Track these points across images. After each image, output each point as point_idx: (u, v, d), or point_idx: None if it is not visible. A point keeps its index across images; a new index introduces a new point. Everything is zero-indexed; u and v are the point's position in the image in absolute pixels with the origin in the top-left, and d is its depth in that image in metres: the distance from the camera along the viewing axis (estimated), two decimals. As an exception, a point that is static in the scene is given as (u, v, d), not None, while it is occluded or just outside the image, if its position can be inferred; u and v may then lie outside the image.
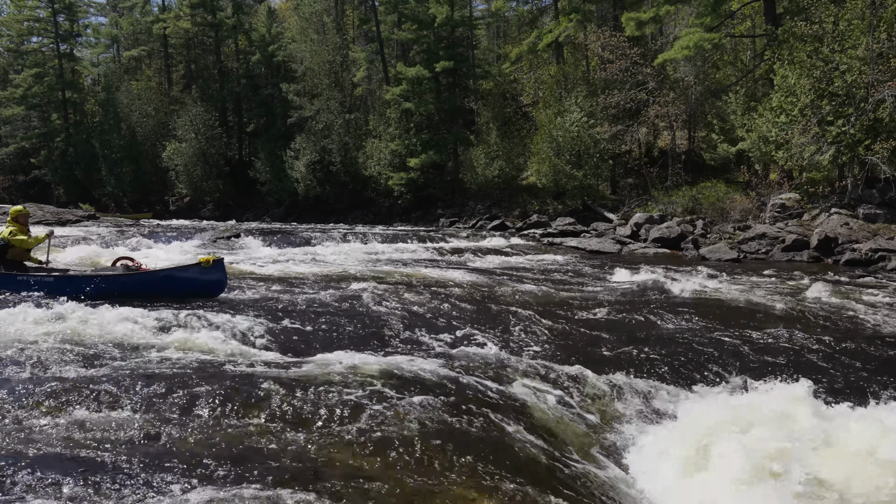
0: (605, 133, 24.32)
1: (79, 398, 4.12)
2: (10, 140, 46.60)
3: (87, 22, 50.94)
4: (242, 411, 4.06)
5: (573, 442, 4.31)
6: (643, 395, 5.28)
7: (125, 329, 6.09)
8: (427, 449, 3.70)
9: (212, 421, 3.91)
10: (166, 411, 4.00)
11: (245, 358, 5.40)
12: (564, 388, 5.22)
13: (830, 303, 9.26)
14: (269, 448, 3.59)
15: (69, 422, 3.79)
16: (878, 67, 16.37)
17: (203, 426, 3.82)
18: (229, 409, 4.07)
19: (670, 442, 4.27)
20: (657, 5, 23.91)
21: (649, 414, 5.02)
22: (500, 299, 9.16)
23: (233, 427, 3.84)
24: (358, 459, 3.52)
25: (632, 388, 5.40)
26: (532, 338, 6.98)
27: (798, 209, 18.50)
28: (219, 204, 38.52)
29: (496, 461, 3.68)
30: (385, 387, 4.56)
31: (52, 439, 3.55)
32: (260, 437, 3.72)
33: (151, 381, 4.41)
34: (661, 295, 9.93)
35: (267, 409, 4.07)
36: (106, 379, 4.43)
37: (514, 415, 4.48)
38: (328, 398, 4.25)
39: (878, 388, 5.66)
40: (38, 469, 3.19)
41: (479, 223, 26.68)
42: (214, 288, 8.29)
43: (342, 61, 34.80)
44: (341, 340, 6.51)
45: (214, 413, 4.01)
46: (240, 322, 6.61)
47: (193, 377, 4.52)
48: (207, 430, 3.77)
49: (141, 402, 4.10)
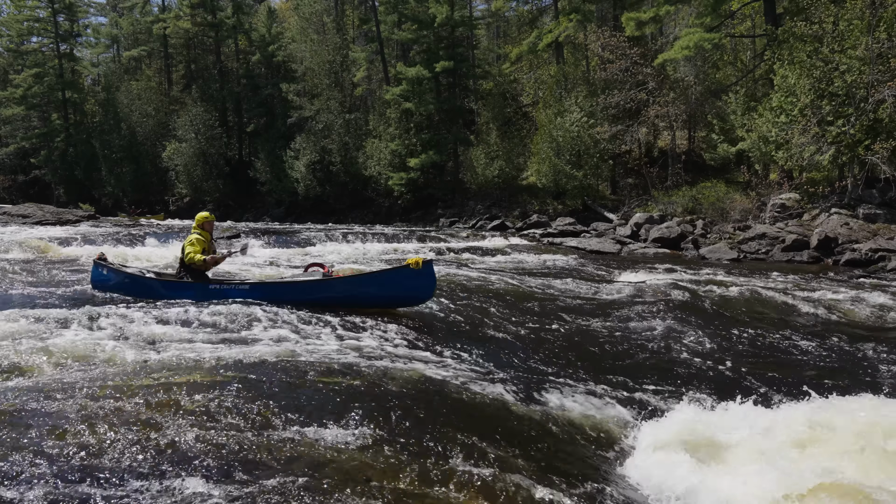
0: (605, 133, 24.32)
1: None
2: (10, 140, 46.61)
3: (87, 22, 50.94)
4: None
5: (572, 442, 4.31)
6: (642, 396, 5.27)
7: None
8: (422, 448, 3.70)
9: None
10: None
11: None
12: (564, 389, 5.21)
13: (831, 303, 9.26)
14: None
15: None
16: (878, 67, 16.37)
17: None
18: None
19: (668, 443, 4.27)
20: (657, 5, 23.91)
21: (648, 414, 5.01)
22: (499, 299, 9.15)
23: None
24: (352, 457, 3.52)
25: (631, 389, 5.40)
26: (532, 338, 6.97)
27: (798, 209, 18.50)
28: (219, 204, 38.54)
29: (492, 462, 3.68)
30: (375, 387, 4.55)
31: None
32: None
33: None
34: (661, 295, 9.92)
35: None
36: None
37: (514, 414, 4.48)
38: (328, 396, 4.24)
39: (877, 389, 5.65)
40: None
41: (479, 223, 26.69)
42: (423, 293, 7.38)
43: (342, 61, 34.82)
44: (341, 336, 6.51)
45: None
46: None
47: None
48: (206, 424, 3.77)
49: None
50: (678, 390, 5.47)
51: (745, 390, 5.42)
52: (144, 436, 3.57)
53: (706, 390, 5.52)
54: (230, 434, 3.67)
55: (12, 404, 3.96)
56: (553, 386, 5.24)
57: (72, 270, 10.79)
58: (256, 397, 4.19)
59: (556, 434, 4.34)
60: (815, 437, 4.08)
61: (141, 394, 4.15)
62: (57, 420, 3.74)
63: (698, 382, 5.71)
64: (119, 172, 40.62)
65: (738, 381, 5.71)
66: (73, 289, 8.83)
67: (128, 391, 4.19)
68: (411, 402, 4.38)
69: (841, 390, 5.59)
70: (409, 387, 4.69)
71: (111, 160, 40.57)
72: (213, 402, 4.05)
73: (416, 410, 4.22)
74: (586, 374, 5.72)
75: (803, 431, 4.13)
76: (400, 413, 4.13)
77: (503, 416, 4.44)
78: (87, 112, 45.69)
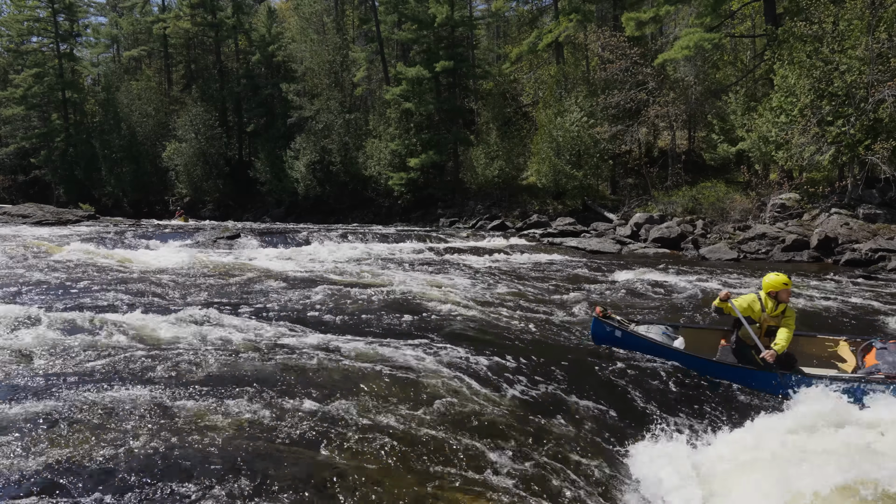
0: (605, 133, 24.31)
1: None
2: (10, 140, 46.55)
3: (87, 22, 50.86)
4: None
5: (572, 442, 4.30)
6: (641, 396, 5.27)
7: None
8: (422, 450, 3.69)
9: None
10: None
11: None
12: (564, 388, 5.21)
13: (830, 303, 9.26)
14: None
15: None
16: (878, 67, 16.36)
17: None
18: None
19: (667, 444, 4.27)
20: (657, 5, 23.90)
21: (648, 415, 5.01)
22: (499, 299, 9.15)
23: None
24: (357, 456, 3.51)
25: (630, 389, 5.40)
26: (532, 338, 6.97)
27: (798, 209, 18.49)
28: (219, 204, 38.51)
29: (492, 466, 3.67)
30: (379, 386, 4.55)
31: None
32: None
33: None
34: (661, 295, 9.92)
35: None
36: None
37: (514, 415, 4.48)
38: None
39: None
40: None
41: (479, 223, 26.67)
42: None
43: (342, 61, 34.79)
44: (341, 337, 6.50)
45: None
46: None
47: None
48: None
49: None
50: (678, 390, 5.47)
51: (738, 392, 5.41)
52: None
53: (706, 390, 5.52)
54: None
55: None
56: (550, 385, 5.24)
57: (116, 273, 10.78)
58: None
59: (552, 432, 4.33)
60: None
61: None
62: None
63: (697, 382, 5.71)
64: (119, 172, 40.58)
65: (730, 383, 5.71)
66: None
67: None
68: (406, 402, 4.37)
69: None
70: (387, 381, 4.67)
71: (111, 160, 40.53)
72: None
73: (413, 411, 4.21)
74: (586, 375, 5.71)
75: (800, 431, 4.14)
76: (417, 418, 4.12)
77: (501, 416, 4.43)
78: (87, 112, 45.64)
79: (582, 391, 5.16)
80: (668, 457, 4.05)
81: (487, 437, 4.00)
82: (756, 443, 4.16)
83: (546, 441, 4.12)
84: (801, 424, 4.46)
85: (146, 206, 39.97)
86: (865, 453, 3.87)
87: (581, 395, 5.09)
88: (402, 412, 4.19)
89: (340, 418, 4.02)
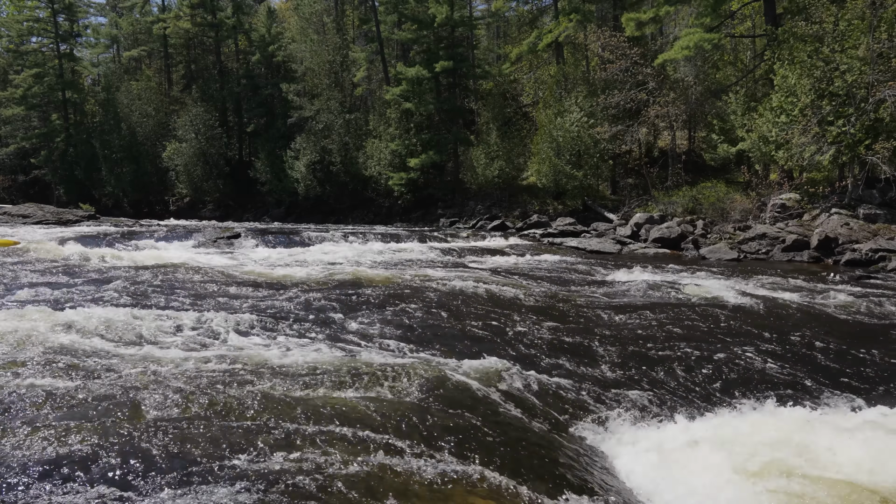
0: (605, 133, 24.31)
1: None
2: (10, 140, 46.53)
3: (86, 22, 50.86)
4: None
5: (571, 443, 4.31)
6: (640, 397, 5.27)
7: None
8: (425, 448, 3.70)
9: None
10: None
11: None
12: (563, 389, 5.21)
13: (831, 303, 9.25)
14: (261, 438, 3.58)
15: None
16: (879, 67, 16.36)
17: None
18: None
19: (665, 444, 4.27)
20: (657, 5, 23.90)
21: (648, 415, 5.01)
22: (499, 299, 9.15)
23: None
24: (357, 455, 3.51)
25: (629, 389, 5.40)
26: (531, 338, 6.97)
27: (798, 209, 18.48)
28: (219, 204, 38.51)
29: (497, 464, 3.68)
30: (375, 386, 4.55)
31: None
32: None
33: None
34: (661, 296, 9.92)
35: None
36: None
37: (512, 416, 4.48)
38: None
39: (875, 393, 5.65)
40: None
41: (480, 223, 26.67)
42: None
43: (342, 61, 34.79)
44: (341, 337, 6.51)
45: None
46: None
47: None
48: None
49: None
50: (677, 390, 5.47)
51: (738, 392, 5.42)
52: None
53: (705, 390, 5.52)
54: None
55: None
56: (550, 385, 5.24)
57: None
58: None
59: (552, 433, 4.33)
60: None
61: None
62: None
63: (695, 381, 5.71)
64: (119, 172, 40.57)
65: (731, 383, 5.71)
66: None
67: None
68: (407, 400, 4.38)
69: (840, 390, 5.59)
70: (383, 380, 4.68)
71: (111, 160, 40.52)
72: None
73: (417, 410, 4.22)
74: (586, 376, 5.71)
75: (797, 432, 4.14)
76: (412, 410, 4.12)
77: (500, 417, 4.44)
78: (87, 112, 45.63)
79: (582, 391, 5.16)
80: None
81: (487, 437, 4.00)
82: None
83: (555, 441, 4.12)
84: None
85: (146, 207, 39.97)
86: None
87: (581, 394, 5.09)
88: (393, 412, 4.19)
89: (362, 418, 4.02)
